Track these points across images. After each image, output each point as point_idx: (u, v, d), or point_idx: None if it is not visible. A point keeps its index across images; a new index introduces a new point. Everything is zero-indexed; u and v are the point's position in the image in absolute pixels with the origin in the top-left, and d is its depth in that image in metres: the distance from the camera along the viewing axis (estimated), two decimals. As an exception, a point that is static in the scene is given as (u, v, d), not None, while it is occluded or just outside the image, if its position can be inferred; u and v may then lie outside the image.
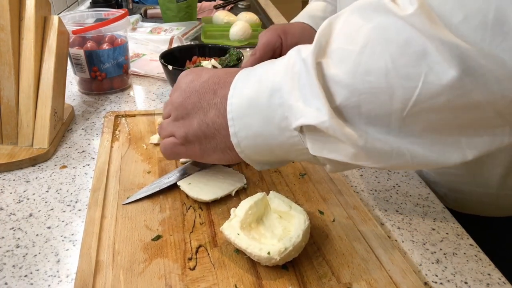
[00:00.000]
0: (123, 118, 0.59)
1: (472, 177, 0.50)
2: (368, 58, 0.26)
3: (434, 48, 0.23)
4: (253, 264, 0.35)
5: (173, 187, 0.44)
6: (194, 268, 0.34)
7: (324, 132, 0.28)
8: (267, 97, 0.31)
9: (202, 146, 0.37)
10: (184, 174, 0.45)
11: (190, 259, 0.35)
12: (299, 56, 0.30)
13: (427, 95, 0.24)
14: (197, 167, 0.47)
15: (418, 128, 0.27)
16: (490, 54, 0.22)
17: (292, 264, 0.35)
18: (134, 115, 0.60)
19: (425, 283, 0.35)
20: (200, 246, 0.37)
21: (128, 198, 0.42)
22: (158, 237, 0.37)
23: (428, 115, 0.25)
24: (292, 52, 0.31)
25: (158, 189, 0.43)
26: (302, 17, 0.65)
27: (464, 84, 0.23)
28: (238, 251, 0.36)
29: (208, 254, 0.36)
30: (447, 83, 0.23)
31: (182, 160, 0.49)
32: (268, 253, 0.33)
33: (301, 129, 0.30)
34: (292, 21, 0.67)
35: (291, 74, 0.30)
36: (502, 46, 0.22)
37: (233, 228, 0.35)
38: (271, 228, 0.37)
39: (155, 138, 0.53)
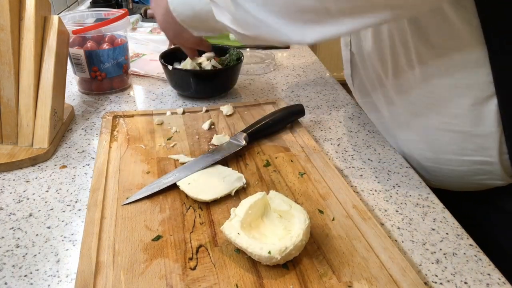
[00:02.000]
0: (121, 119, 0.59)
1: (431, 145, 0.50)
2: None
3: None
4: (253, 263, 0.35)
5: (173, 187, 0.44)
6: (194, 268, 0.34)
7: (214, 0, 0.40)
8: None
9: (164, 24, 0.52)
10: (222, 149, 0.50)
11: (190, 259, 0.35)
12: None
13: None
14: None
15: (275, 9, 0.37)
16: None
17: (292, 263, 0.35)
18: (132, 115, 0.60)
19: (425, 283, 0.35)
20: (200, 246, 0.37)
21: (127, 198, 0.42)
22: (158, 237, 0.37)
23: None
24: None
25: (157, 189, 0.43)
26: None
27: None
28: (239, 251, 0.36)
29: (209, 254, 0.36)
30: None
31: (181, 160, 0.49)
32: (269, 252, 0.33)
33: None
34: None
35: None
36: None
37: (233, 227, 0.35)
38: (271, 228, 0.37)
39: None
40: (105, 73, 0.68)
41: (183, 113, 0.62)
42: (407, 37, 0.46)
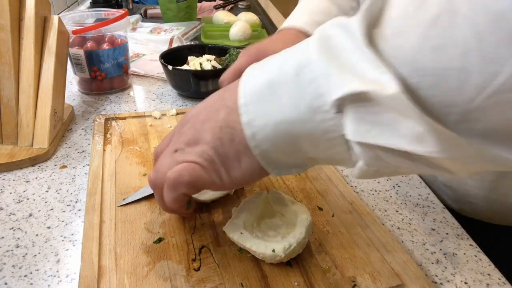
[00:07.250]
0: (114, 121, 0.58)
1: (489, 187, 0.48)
2: (442, 31, 0.20)
3: None
4: (257, 262, 0.35)
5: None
6: (198, 269, 0.34)
7: (383, 104, 0.21)
8: (293, 75, 0.25)
9: (225, 159, 0.29)
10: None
11: (194, 260, 0.35)
12: (335, 28, 0.24)
13: (510, 84, 0.18)
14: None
15: (480, 127, 0.20)
16: None
17: (296, 260, 0.35)
18: (124, 118, 0.59)
19: (426, 283, 0.35)
20: (203, 246, 0.37)
21: (124, 200, 0.42)
22: (160, 240, 0.37)
23: (502, 109, 0.19)
24: (319, 30, 0.25)
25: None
26: (303, 21, 0.50)
27: None
28: (242, 250, 0.36)
29: (212, 254, 0.36)
30: None
31: None
32: (273, 250, 0.33)
33: (341, 107, 0.23)
34: (289, 22, 0.51)
35: (326, 48, 0.24)
36: None
37: (236, 227, 0.35)
38: (273, 226, 0.37)
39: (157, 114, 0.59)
40: (105, 73, 0.68)
41: (177, 114, 0.61)
42: None
